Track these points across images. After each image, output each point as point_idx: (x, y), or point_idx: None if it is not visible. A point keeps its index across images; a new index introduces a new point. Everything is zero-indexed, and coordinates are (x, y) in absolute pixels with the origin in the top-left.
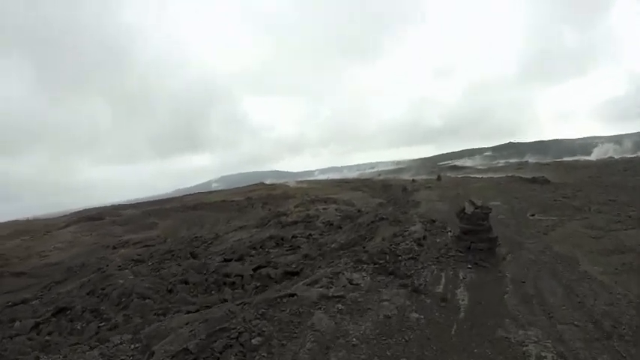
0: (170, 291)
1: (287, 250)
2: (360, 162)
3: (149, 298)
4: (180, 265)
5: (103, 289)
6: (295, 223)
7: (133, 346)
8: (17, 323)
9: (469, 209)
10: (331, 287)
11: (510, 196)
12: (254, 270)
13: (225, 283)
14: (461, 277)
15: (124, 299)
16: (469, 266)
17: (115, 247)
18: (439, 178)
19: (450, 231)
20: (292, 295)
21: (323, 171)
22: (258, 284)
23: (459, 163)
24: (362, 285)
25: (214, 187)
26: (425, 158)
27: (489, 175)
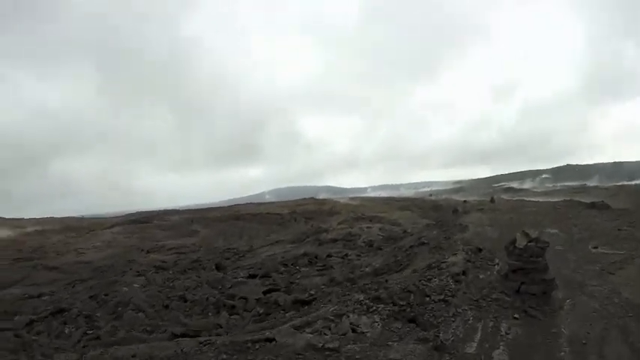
0: (166, 307)
1: (318, 270)
2: (414, 180)
3: (143, 312)
4: (199, 277)
5: (106, 294)
6: (334, 241)
7: None
8: (17, 317)
9: (521, 241)
10: (326, 334)
11: (569, 223)
12: (264, 293)
13: (225, 306)
14: (503, 332)
15: (119, 309)
16: (515, 315)
17: (148, 252)
18: (492, 200)
19: (498, 264)
20: (270, 340)
21: (375, 188)
22: (261, 311)
23: (514, 185)
24: (368, 334)
25: (267, 198)
26: (480, 179)
27: (546, 198)
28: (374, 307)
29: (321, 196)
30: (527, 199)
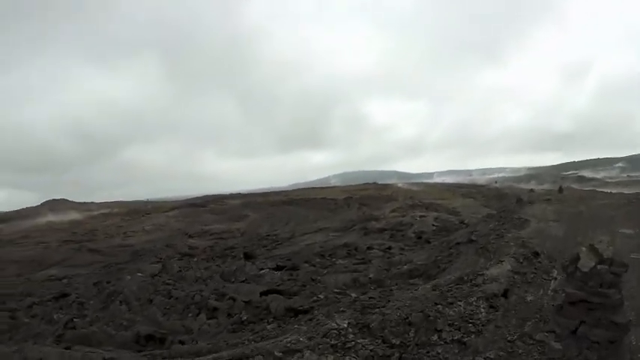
0: (150, 301)
1: (354, 264)
2: (481, 167)
3: (127, 304)
4: (219, 266)
5: (109, 282)
6: (382, 230)
7: None
8: (27, 299)
9: (587, 261)
10: None
11: None
12: (262, 294)
13: (207, 307)
14: None
15: (111, 298)
16: None
17: (191, 236)
18: (560, 190)
19: (555, 278)
20: None
21: (442, 174)
22: (244, 318)
23: (586, 173)
24: None
25: (332, 183)
26: (549, 166)
27: (620, 189)
28: (352, 344)
29: (386, 182)
30: (600, 189)
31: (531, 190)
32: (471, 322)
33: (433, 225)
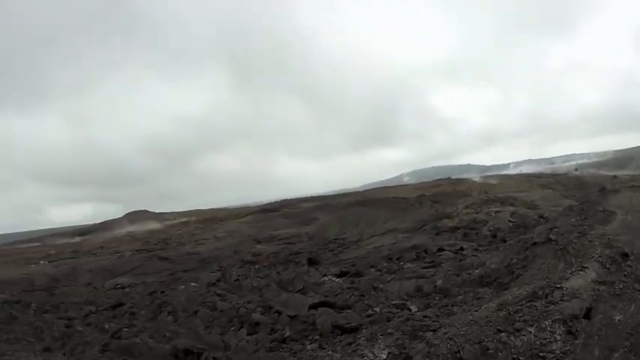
0: (195, 313)
1: (423, 267)
2: (561, 153)
3: (173, 315)
4: (279, 274)
5: (163, 292)
6: (455, 229)
7: None
8: (87, 307)
9: None
10: None
11: None
12: (310, 308)
13: (249, 321)
14: None
15: (161, 309)
16: None
17: (259, 242)
18: None
19: None
20: None
21: (518, 164)
22: (286, 335)
23: None
24: None
25: (405, 180)
26: (631, 148)
27: None
28: None
29: (460, 176)
30: None
31: (614, 177)
32: (541, 356)
33: (509, 221)
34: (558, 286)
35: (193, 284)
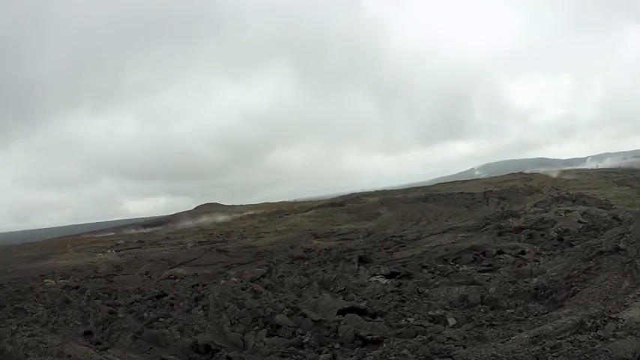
0: (225, 309)
1: (480, 271)
2: (637, 147)
3: (205, 310)
4: (325, 272)
5: (205, 285)
6: (520, 230)
7: None
8: (135, 295)
9: None
10: None
11: None
12: (341, 313)
13: (272, 322)
14: None
15: (196, 302)
16: None
17: (317, 237)
18: None
19: None
20: None
21: (595, 158)
22: (305, 340)
23: None
24: None
25: (476, 175)
26: None
27: None
28: None
29: (533, 170)
30: None
31: None
32: None
33: (580, 222)
34: (614, 315)
35: (234, 279)
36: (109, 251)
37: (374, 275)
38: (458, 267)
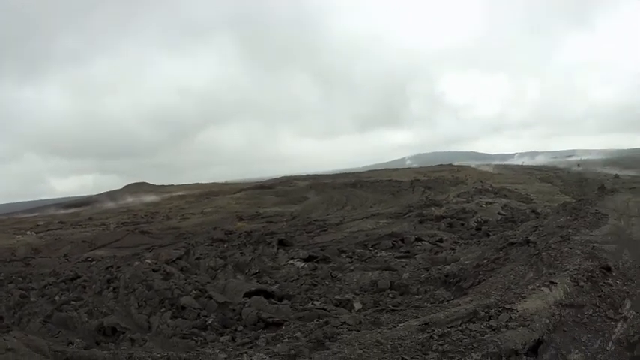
0: (134, 290)
1: (397, 257)
2: (563, 148)
3: (115, 292)
4: (242, 254)
5: (119, 267)
6: (441, 218)
7: None
8: (49, 278)
9: None
10: None
11: None
12: (246, 295)
13: (177, 304)
14: None
15: (108, 284)
16: None
17: (242, 220)
18: None
19: (626, 317)
20: None
21: (522, 155)
22: (209, 322)
23: None
24: None
25: (408, 164)
26: (637, 149)
27: None
28: None
29: (462, 163)
30: None
31: (616, 176)
32: None
33: (499, 214)
34: (508, 306)
35: (148, 261)
36: (28, 233)
37: (292, 259)
38: (376, 252)
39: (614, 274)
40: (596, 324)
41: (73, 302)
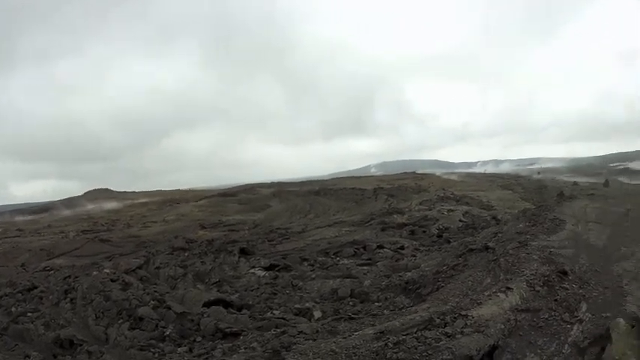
0: (91, 302)
1: (358, 265)
2: (526, 156)
3: (72, 303)
4: (203, 263)
5: (77, 277)
6: (403, 225)
7: None
8: (5, 289)
9: None
10: None
11: None
12: (206, 305)
13: (135, 315)
14: None
15: (65, 295)
16: None
17: (204, 228)
18: (607, 183)
19: (582, 320)
20: None
21: (484, 163)
22: (167, 333)
23: (634, 165)
24: None
25: (372, 172)
26: (597, 157)
27: None
28: None
29: (426, 171)
30: None
31: (575, 183)
32: None
33: (460, 221)
34: (464, 312)
35: (106, 271)
36: None
37: (253, 267)
38: (338, 260)
39: (570, 278)
40: (552, 327)
41: (29, 314)
